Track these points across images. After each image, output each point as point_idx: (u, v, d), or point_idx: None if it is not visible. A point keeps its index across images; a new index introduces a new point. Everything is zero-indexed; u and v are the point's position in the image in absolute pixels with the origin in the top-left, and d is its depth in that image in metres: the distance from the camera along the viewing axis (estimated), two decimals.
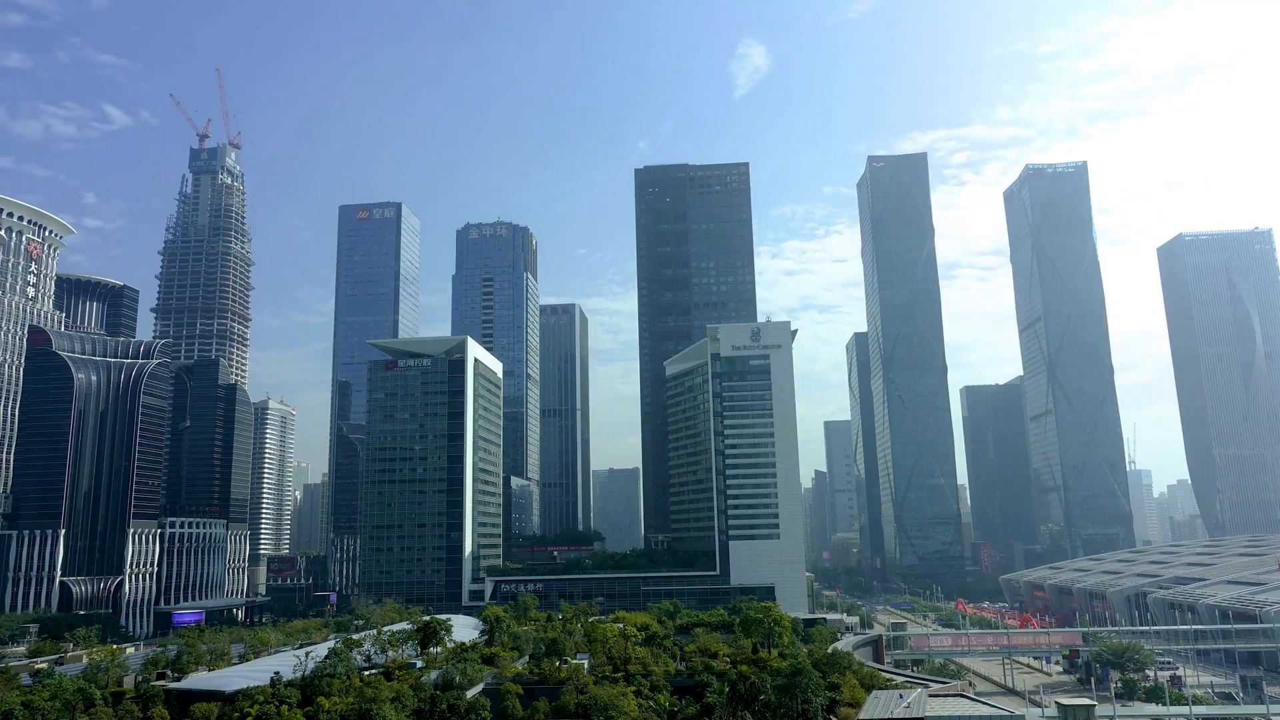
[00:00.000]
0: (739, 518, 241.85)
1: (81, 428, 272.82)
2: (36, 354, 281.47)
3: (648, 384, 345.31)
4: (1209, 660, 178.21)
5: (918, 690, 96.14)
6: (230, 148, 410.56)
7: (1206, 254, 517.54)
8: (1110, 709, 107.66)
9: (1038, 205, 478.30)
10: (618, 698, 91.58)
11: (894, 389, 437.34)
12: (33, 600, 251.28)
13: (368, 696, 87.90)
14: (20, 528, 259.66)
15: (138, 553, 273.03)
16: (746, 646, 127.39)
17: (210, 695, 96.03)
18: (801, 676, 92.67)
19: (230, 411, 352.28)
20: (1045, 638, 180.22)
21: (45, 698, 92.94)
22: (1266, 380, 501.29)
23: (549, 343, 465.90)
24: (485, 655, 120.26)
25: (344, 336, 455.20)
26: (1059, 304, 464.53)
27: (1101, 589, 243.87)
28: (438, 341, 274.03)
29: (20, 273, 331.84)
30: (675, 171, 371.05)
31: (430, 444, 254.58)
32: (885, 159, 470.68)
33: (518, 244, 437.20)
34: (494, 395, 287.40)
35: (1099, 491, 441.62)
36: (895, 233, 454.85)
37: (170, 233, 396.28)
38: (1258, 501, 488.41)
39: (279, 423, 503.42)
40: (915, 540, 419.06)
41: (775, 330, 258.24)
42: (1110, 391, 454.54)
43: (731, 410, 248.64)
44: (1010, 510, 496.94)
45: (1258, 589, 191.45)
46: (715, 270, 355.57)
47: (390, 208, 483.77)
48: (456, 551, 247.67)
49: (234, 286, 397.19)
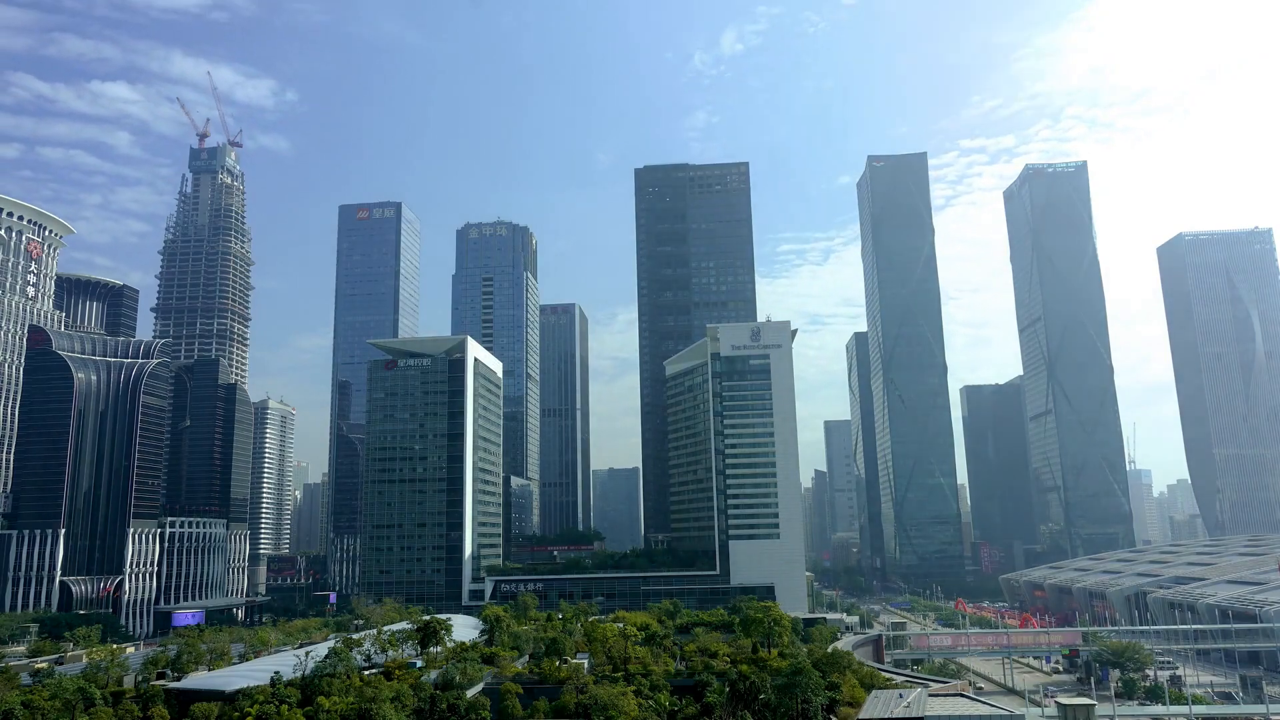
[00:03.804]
0: (739, 517, 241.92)
1: (81, 427, 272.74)
2: (36, 354, 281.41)
3: (648, 384, 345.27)
4: (1209, 660, 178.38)
5: (918, 690, 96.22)
6: (230, 147, 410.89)
7: (1206, 254, 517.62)
8: (1110, 709, 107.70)
9: (1038, 205, 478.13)
10: (618, 697, 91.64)
11: (894, 389, 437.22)
12: (33, 600, 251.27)
13: (368, 696, 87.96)
14: (20, 527, 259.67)
15: (138, 552, 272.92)
16: (746, 646, 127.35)
17: (210, 695, 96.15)
18: (801, 676, 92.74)
19: (230, 411, 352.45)
20: (1045, 637, 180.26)
21: (45, 697, 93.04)
22: (1266, 380, 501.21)
23: (549, 343, 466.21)
24: (485, 655, 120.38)
25: (344, 336, 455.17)
26: (1059, 304, 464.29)
27: (1101, 589, 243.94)
28: (438, 341, 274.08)
29: (20, 272, 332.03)
30: (675, 171, 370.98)
31: (430, 444, 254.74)
32: (885, 159, 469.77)
33: (518, 244, 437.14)
34: (494, 395, 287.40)
35: (1099, 491, 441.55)
36: (895, 233, 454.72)
37: (170, 232, 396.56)
38: (1258, 501, 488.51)
39: (279, 422, 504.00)
40: (915, 540, 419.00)
41: (775, 330, 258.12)
42: (1110, 391, 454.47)
43: (731, 410, 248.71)
44: (1010, 510, 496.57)
45: (1258, 589, 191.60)
46: (715, 270, 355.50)
47: (390, 207, 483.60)
48: (456, 551, 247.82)
49: (234, 286, 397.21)
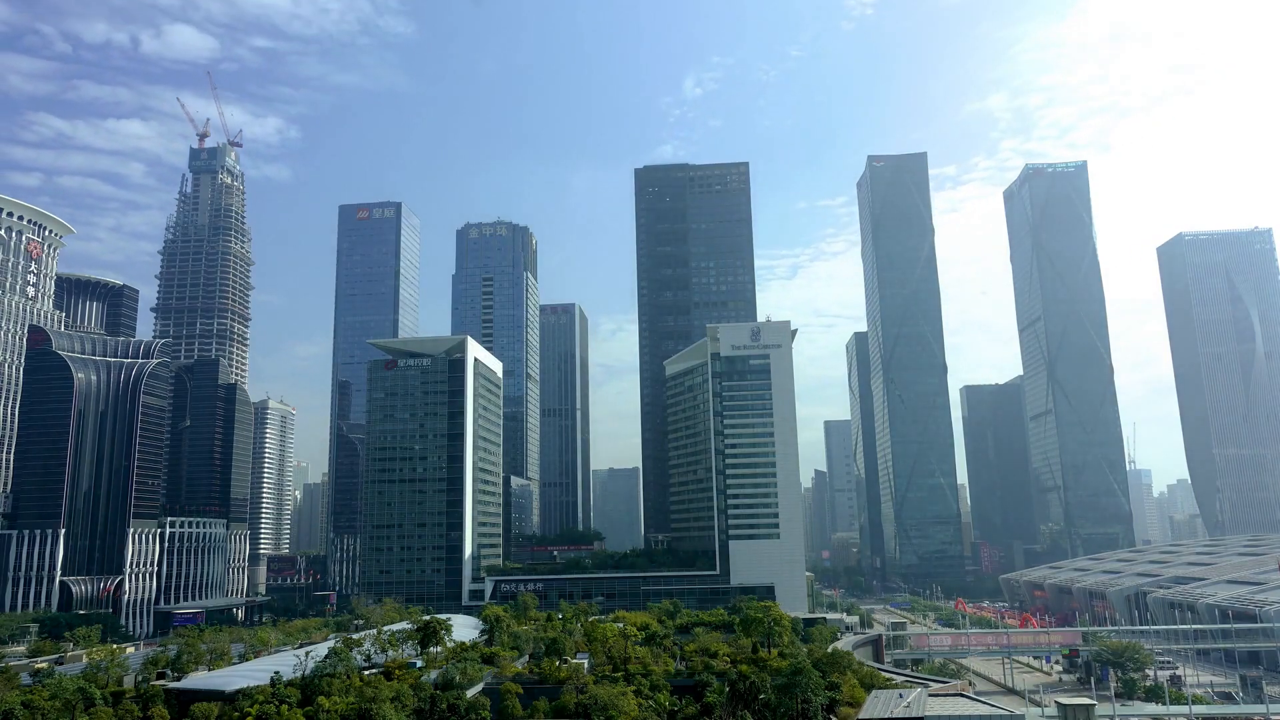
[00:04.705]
0: (739, 517, 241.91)
1: (81, 427, 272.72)
2: (36, 354, 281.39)
3: (648, 383, 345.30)
4: (1209, 660, 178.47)
5: (918, 690, 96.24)
6: (230, 147, 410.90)
7: (1206, 254, 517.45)
8: (1110, 708, 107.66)
9: (1037, 205, 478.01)
10: (618, 697, 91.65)
11: (894, 389, 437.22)
12: (33, 600, 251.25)
13: (368, 696, 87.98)
14: (20, 527, 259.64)
15: (138, 552, 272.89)
16: (746, 646, 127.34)
17: (210, 695, 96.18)
18: (801, 676, 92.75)
19: (230, 411, 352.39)
20: (1045, 637, 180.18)
21: (45, 697, 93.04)
22: (1266, 380, 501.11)
23: (549, 342, 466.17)
24: (485, 655, 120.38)
25: (344, 336, 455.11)
26: (1059, 304, 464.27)
27: (1101, 588, 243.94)
28: (438, 341, 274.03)
29: (20, 272, 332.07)
30: (675, 171, 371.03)
31: (430, 444, 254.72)
32: (885, 159, 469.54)
33: (518, 244, 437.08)
34: (494, 395, 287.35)
35: (1099, 491, 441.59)
36: (895, 232, 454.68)
37: (170, 232, 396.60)
38: (1258, 501, 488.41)
39: (279, 422, 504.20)
40: (915, 540, 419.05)
41: (775, 330, 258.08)
42: (1110, 391, 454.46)
43: (731, 410, 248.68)
44: (1010, 510, 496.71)
45: (1258, 589, 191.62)
46: (715, 270, 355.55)
47: (390, 207, 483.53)
48: (456, 551, 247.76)
49: (234, 286, 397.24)
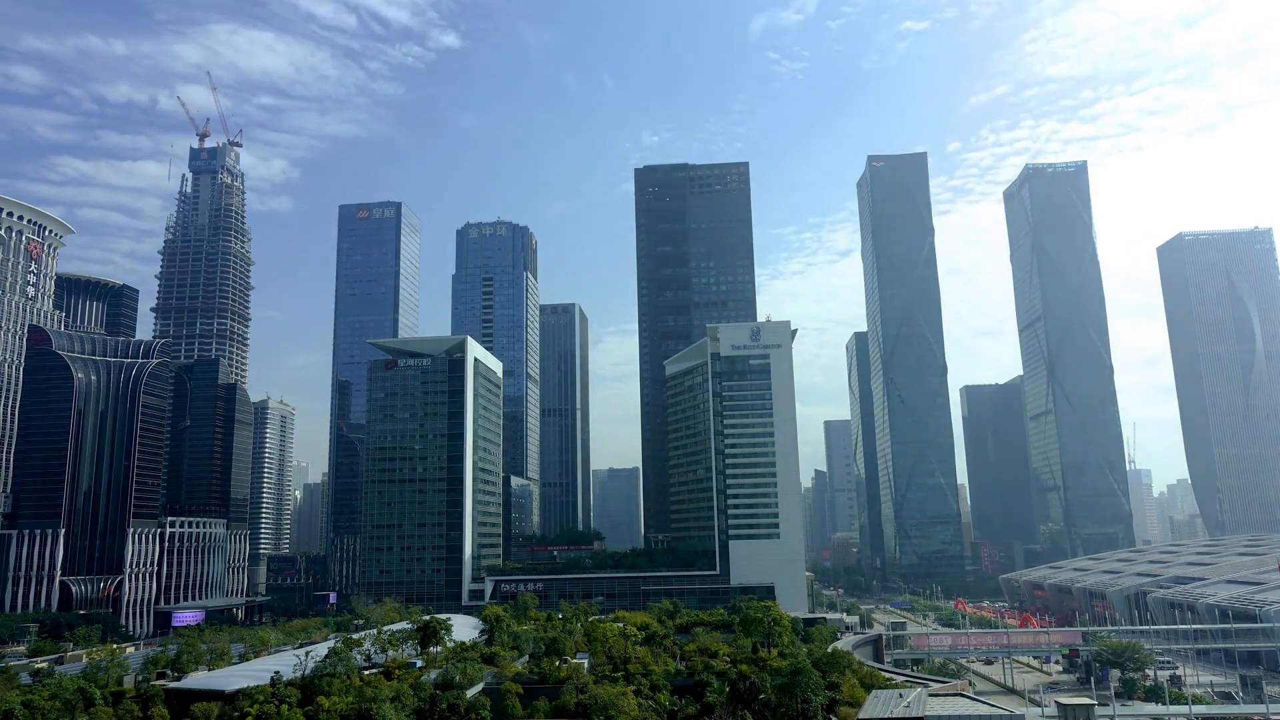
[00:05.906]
0: (739, 517, 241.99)
1: (81, 427, 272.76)
2: (36, 354, 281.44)
3: (648, 383, 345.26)
4: (1209, 660, 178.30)
5: (918, 690, 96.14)
6: (230, 147, 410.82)
7: (1206, 254, 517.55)
8: (1110, 708, 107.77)
9: (1037, 205, 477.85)
10: (618, 697, 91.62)
11: (894, 389, 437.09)
12: (33, 600, 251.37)
13: (368, 696, 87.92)
14: (20, 527, 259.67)
15: (138, 552, 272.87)
16: (746, 646, 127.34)
17: (210, 695, 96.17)
18: (801, 676, 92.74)
19: (230, 411, 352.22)
20: (1045, 637, 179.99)
21: (45, 697, 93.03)
22: (1266, 380, 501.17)
23: (549, 342, 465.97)
24: (485, 655, 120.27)
25: (344, 336, 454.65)
26: (1059, 304, 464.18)
27: (1101, 588, 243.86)
28: (438, 341, 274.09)
29: (20, 272, 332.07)
30: (675, 171, 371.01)
31: (430, 443, 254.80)
32: (885, 158, 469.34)
33: (518, 244, 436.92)
34: (494, 395, 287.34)
35: (1099, 491, 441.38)
36: (895, 233, 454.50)
37: (170, 232, 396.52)
38: (1258, 501, 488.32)
39: (279, 422, 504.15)
40: (915, 540, 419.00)
41: (775, 330, 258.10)
42: (1110, 391, 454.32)
43: (731, 410, 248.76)
44: (1010, 510, 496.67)
45: (1258, 589, 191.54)
46: (715, 270, 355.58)
47: (390, 207, 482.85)
48: (456, 551, 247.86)
49: (234, 286, 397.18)
